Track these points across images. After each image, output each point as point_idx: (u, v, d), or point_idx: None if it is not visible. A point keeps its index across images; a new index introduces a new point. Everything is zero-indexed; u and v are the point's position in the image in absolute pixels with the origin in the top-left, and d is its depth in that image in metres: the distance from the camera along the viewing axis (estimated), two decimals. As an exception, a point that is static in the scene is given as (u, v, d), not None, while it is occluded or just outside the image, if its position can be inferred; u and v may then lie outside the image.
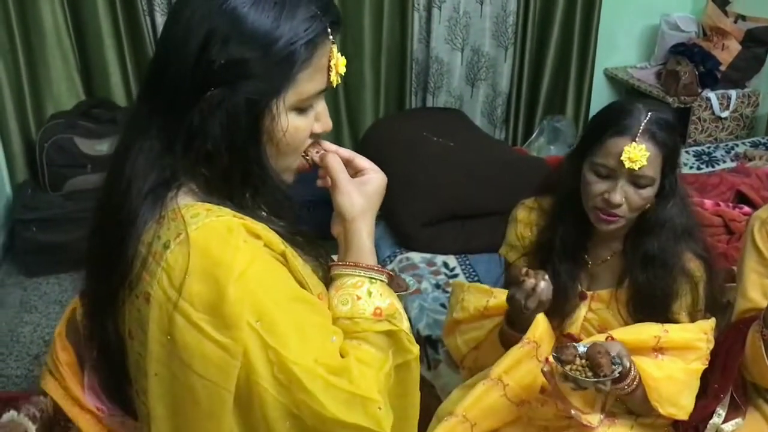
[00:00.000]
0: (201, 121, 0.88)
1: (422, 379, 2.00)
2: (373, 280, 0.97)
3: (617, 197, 1.41)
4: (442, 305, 2.11)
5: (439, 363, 1.96)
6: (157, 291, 0.86)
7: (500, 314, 1.55)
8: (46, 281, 3.06)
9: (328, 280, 1.01)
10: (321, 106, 0.97)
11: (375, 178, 1.02)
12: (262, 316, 0.85)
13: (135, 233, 0.89)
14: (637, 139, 1.39)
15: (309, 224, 1.03)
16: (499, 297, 1.55)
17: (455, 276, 2.24)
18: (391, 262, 2.35)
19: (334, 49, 0.93)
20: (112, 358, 0.99)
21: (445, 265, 2.31)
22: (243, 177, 0.93)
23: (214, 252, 0.85)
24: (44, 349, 2.68)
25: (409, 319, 2.06)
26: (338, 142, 3.73)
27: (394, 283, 1.27)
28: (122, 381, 1.01)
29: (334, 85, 0.95)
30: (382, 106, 3.72)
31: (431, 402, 1.96)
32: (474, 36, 3.69)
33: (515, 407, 1.47)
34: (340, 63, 0.94)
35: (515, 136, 3.93)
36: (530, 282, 1.41)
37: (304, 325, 0.89)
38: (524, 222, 1.63)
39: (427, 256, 2.33)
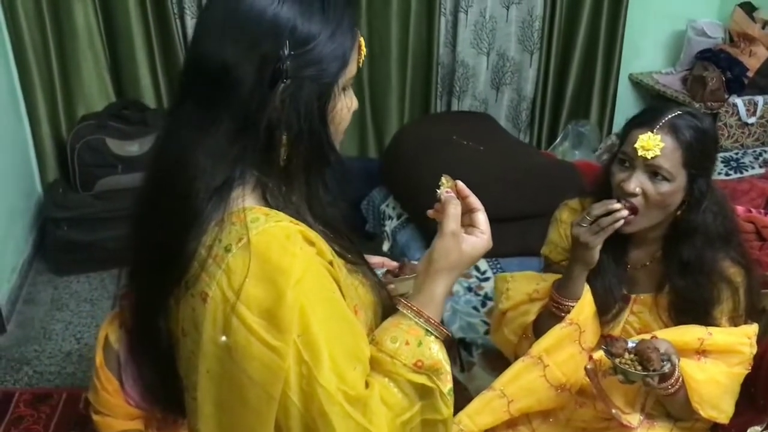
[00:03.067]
0: (278, 113, 0.90)
1: (455, 381, 2.03)
2: (429, 334, 0.98)
3: (631, 185, 1.44)
4: (475, 308, 2.13)
5: (473, 365, 1.97)
6: (216, 291, 0.87)
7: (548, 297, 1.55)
8: (76, 279, 3.10)
9: (371, 298, 1.03)
10: (351, 88, 1.00)
11: (480, 241, 1.04)
12: (305, 329, 0.86)
13: (197, 233, 0.90)
14: (655, 130, 1.43)
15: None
16: (549, 279, 1.56)
17: (487, 279, 2.25)
18: (421, 264, 2.36)
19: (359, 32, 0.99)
20: (161, 356, 1.01)
21: (477, 268, 2.31)
22: (316, 164, 0.95)
23: (273, 258, 0.87)
24: (76, 346, 2.72)
25: (442, 321, 2.10)
26: (363, 145, 3.76)
27: (407, 267, 1.29)
28: (169, 378, 1.03)
29: (360, 66, 0.99)
30: (407, 109, 3.74)
31: (464, 405, 1.98)
32: (500, 40, 3.70)
33: (553, 391, 1.47)
34: (363, 46, 0.99)
35: (539, 141, 3.93)
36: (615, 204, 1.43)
37: (337, 347, 0.89)
38: (568, 223, 1.64)
39: (459, 259, 2.35)
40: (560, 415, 1.55)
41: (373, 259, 1.23)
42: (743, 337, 1.48)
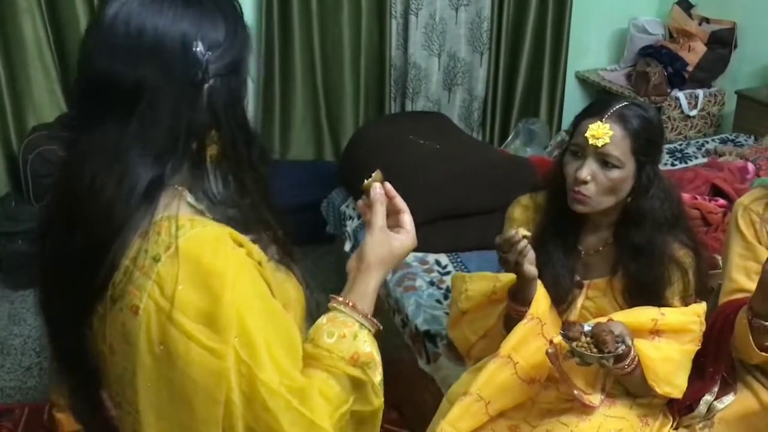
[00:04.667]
0: (206, 114, 0.91)
1: (422, 374, 2.07)
2: (363, 327, 1.01)
3: (583, 173, 1.50)
4: (438, 301, 2.17)
5: (438, 356, 2.02)
6: (148, 303, 0.86)
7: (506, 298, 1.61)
8: (33, 293, 3.04)
9: (298, 295, 1.05)
10: None
11: (407, 239, 1.09)
12: (242, 329, 0.87)
13: (121, 246, 0.88)
14: (603, 119, 1.50)
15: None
16: (504, 280, 1.61)
17: (447, 273, 2.30)
18: (383, 262, 2.40)
19: None
20: (88, 374, 0.99)
21: (438, 263, 2.37)
22: (247, 158, 0.96)
23: (205, 261, 0.87)
24: (36, 360, 2.68)
25: (407, 316, 2.13)
26: (319, 148, 3.79)
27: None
28: (98, 396, 1.01)
29: None
30: (362, 112, 3.79)
31: (432, 394, 2.02)
32: (450, 42, 3.78)
33: (526, 386, 1.53)
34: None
35: (492, 139, 4.02)
36: (510, 235, 1.49)
37: (275, 344, 0.91)
38: (521, 220, 1.70)
39: (420, 255, 2.39)
40: (526, 399, 1.60)
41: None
42: (694, 316, 1.56)
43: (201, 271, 0.86)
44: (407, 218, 1.10)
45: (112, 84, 0.89)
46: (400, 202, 1.11)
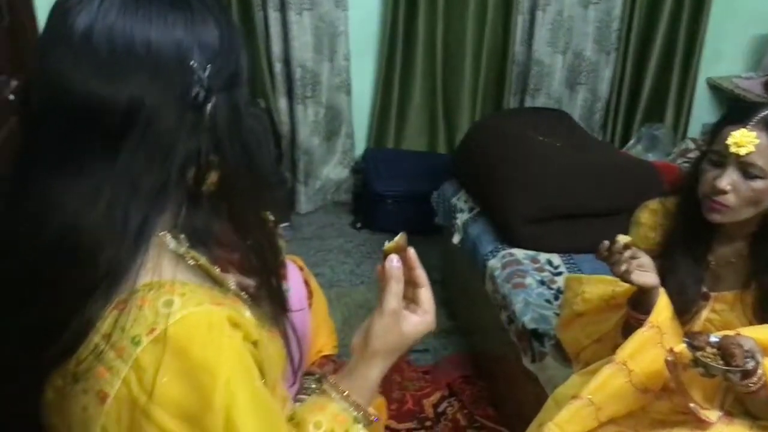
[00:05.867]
0: (209, 134, 0.79)
1: (525, 372, 2.04)
2: (357, 421, 0.92)
3: (723, 182, 1.43)
4: (547, 301, 2.13)
5: (544, 356, 1.98)
6: (121, 391, 0.73)
7: (625, 304, 1.56)
8: None
9: (280, 352, 0.95)
10: None
11: (422, 322, 0.97)
12: (230, 430, 0.76)
13: (90, 316, 0.75)
14: (748, 126, 1.41)
15: (395, 217, 0.97)
16: (624, 285, 1.56)
17: (559, 274, 2.25)
18: (493, 257, 2.38)
19: None
20: None
21: (549, 262, 2.32)
22: (253, 182, 0.86)
23: (195, 352, 0.74)
24: None
25: (514, 313, 2.10)
26: (433, 140, 3.80)
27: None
28: None
29: None
30: (479, 106, 3.76)
31: (533, 394, 1.99)
32: (576, 40, 3.69)
33: (640, 394, 1.48)
34: None
35: (612, 142, 3.90)
36: (604, 245, 1.44)
37: None
38: (648, 225, 1.65)
39: (531, 253, 2.35)
40: (638, 408, 1.55)
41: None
42: (831, 339, 1.45)
43: (189, 365, 0.74)
44: (427, 295, 0.97)
45: (95, 111, 0.74)
46: (420, 274, 0.98)
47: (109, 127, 0.75)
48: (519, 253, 2.37)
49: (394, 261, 0.95)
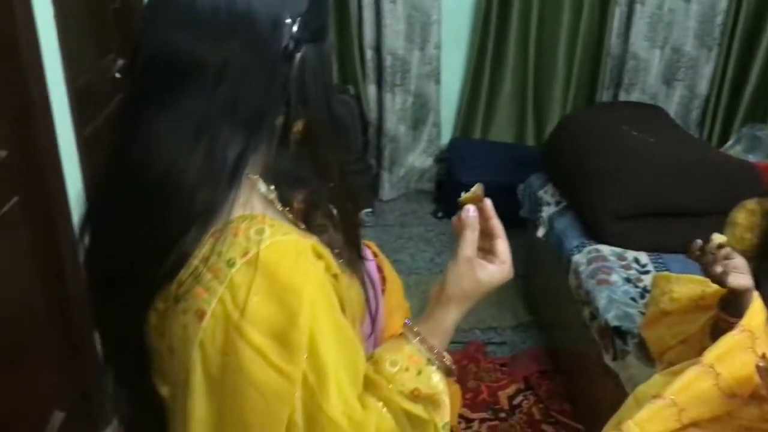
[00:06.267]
0: (296, 84, 0.85)
1: (605, 370, 2.01)
2: (431, 363, 0.93)
3: None
4: (633, 299, 2.09)
5: (626, 354, 1.94)
6: (218, 308, 0.79)
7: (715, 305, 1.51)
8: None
9: (359, 297, 0.99)
10: None
11: (499, 270, 0.96)
12: (313, 353, 0.81)
13: (192, 242, 0.81)
14: None
15: None
16: (715, 286, 1.52)
17: (647, 273, 2.20)
18: (578, 252, 2.34)
19: None
20: (138, 372, 0.91)
21: (637, 260, 2.27)
22: (333, 134, 0.92)
23: (283, 275, 0.80)
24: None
25: (597, 309, 2.07)
26: (521, 132, 3.76)
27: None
28: (144, 396, 0.93)
29: None
30: (571, 99, 3.70)
31: (612, 392, 1.95)
32: (676, 34, 3.57)
33: (727, 399, 1.43)
34: None
35: (709, 142, 3.76)
36: (696, 243, 1.39)
37: (343, 371, 0.85)
38: (744, 225, 1.58)
39: (618, 250, 2.30)
40: (723, 413, 1.50)
41: None
42: None
43: (278, 285, 0.80)
44: (503, 246, 0.97)
45: (196, 66, 0.81)
46: (496, 225, 0.97)
47: (208, 80, 0.81)
48: (605, 249, 2.32)
49: (470, 210, 0.96)
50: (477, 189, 0.99)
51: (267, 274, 0.79)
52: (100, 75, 2.36)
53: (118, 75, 2.47)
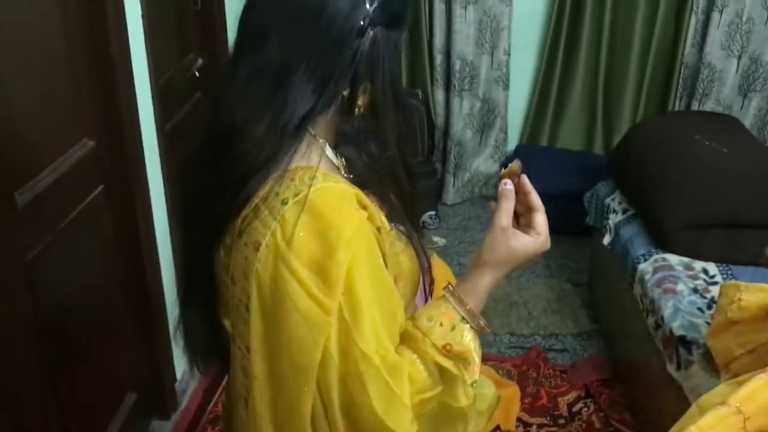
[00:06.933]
0: (365, 59, 0.94)
1: (667, 380, 1.99)
2: (464, 321, 0.97)
3: None
4: (699, 309, 2.05)
5: (691, 364, 1.91)
6: (270, 240, 0.89)
7: None
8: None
9: (412, 268, 1.06)
10: None
11: (534, 241, 1.01)
12: (349, 289, 0.89)
13: (256, 183, 0.92)
14: None
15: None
16: None
17: (715, 284, 2.15)
18: (644, 261, 2.32)
19: None
20: (207, 301, 1.04)
21: (705, 271, 2.23)
22: (394, 111, 0.99)
23: (328, 215, 0.89)
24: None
25: (662, 318, 2.04)
26: (590, 140, 3.73)
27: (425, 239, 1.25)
28: (214, 326, 1.05)
29: None
30: (642, 109, 3.65)
31: (674, 402, 1.93)
32: (755, 44, 3.48)
33: (795, 410, 1.41)
34: None
35: (786, 155, 3.64)
36: None
37: (377, 311, 0.91)
38: None
39: (685, 260, 2.27)
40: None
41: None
42: None
43: (321, 223, 0.88)
44: (540, 218, 1.02)
45: (278, 26, 0.93)
46: (534, 198, 1.02)
47: (288, 42, 0.92)
48: (673, 258, 2.29)
49: (507, 184, 1.02)
50: (515, 164, 1.05)
51: (313, 212, 0.89)
52: (181, 73, 2.47)
53: (197, 74, 2.57)
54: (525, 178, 1.04)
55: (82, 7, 1.73)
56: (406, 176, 1.05)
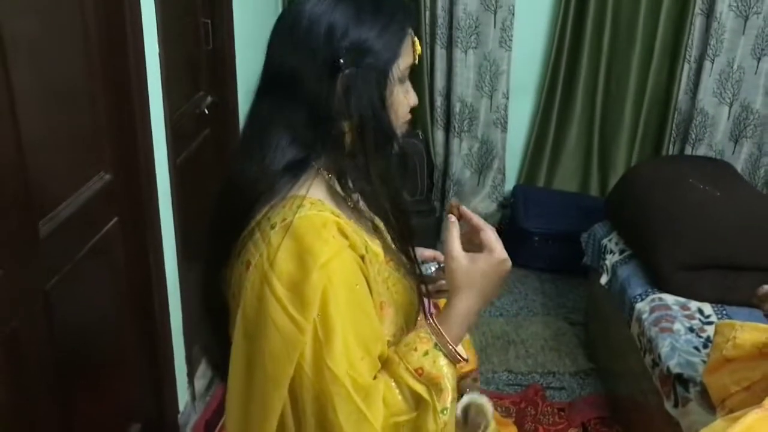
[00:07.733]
0: (341, 102, 1.00)
1: (665, 418, 2.02)
2: (438, 348, 1.03)
3: None
4: (695, 348, 2.10)
5: (688, 401, 1.95)
6: (258, 261, 0.98)
7: None
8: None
9: (411, 298, 1.12)
10: (409, 83, 1.11)
11: (490, 256, 1.07)
12: (323, 310, 0.94)
13: (254, 212, 1.02)
14: None
15: (540, 254, 1.10)
16: None
17: (710, 323, 2.21)
18: (641, 300, 2.37)
19: (412, 33, 1.08)
20: (218, 318, 1.11)
21: (700, 311, 2.28)
22: (379, 148, 1.04)
23: (306, 240, 0.96)
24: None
25: (659, 356, 2.08)
26: (586, 181, 3.80)
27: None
28: (223, 340, 1.11)
29: (416, 63, 1.10)
30: (636, 152, 3.74)
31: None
32: (745, 92, 3.60)
33: (790, 444, 1.45)
34: (417, 45, 1.09)
35: (777, 200, 3.73)
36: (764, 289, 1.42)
37: (351, 334, 0.96)
38: None
39: (682, 299, 2.32)
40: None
41: (426, 252, 1.29)
42: None
43: (300, 246, 0.96)
44: (487, 236, 1.08)
45: (274, 69, 1.03)
46: (478, 221, 1.12)
47: (278, 84, 1.02)
48: (669, 298, 2.34)
49: (451, 217, 1.12)
50: (453, 202, 1.17)
51: (294, 237, 0.97)
52: (192, 110, 2.53)
53: (206, 111, 2.64)
54: (464, 208, 1.14)
55: (104, 45, 1.80)
56: (395, 211, 1.10)
